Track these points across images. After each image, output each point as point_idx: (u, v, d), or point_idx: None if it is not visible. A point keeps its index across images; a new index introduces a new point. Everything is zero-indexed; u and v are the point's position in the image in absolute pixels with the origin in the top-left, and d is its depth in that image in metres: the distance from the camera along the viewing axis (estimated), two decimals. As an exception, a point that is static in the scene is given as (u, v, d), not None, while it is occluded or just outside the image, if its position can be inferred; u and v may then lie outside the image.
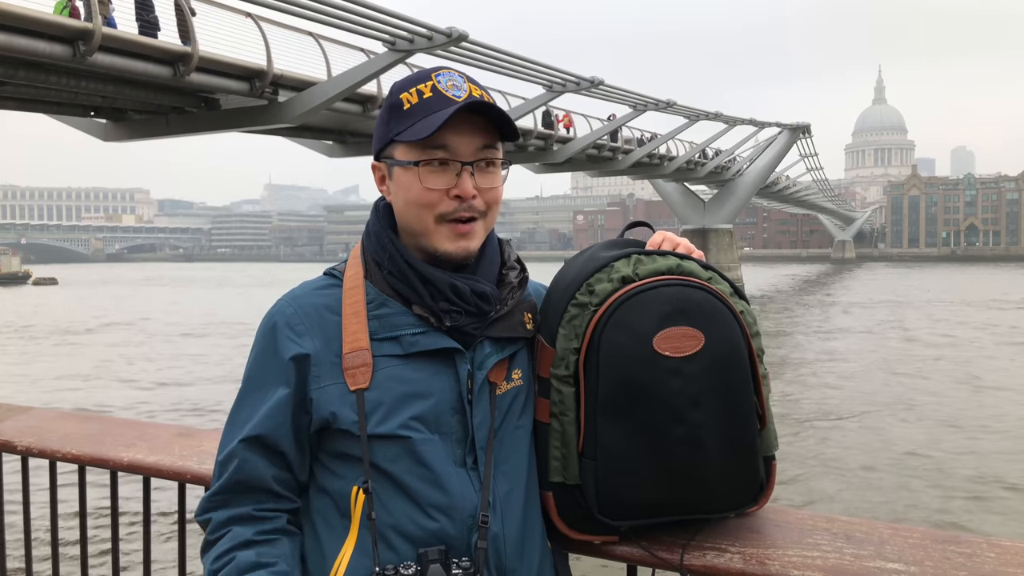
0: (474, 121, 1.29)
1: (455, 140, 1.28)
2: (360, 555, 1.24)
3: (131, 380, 20.30)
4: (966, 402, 16.99)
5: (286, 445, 1.29)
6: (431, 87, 1.29)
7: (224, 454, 1.30)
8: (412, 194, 1.31)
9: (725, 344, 1.27)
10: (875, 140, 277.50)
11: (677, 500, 1.29)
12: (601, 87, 28.98)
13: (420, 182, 1.29)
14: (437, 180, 1.29)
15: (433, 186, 1.29)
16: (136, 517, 2.20)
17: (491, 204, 1.34)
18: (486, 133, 1.31)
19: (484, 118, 1.30)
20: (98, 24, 14.84)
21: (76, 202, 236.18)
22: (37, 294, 60.46)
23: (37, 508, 2.20)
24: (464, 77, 1.31)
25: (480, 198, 1.31)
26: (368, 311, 1.31)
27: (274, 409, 1.28)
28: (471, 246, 1.33)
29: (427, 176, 1.29)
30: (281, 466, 1.29)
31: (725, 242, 48.83)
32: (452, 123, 1.27)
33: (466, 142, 1.29)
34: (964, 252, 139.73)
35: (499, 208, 1.38)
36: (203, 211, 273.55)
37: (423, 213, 1.31)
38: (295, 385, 1.28)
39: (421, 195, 1.30)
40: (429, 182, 1.29)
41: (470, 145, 1.30)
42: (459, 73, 1.32)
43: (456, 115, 1.26)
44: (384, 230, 1.36)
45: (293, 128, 22.64)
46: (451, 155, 1.29)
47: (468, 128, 1.29)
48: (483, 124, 1.30)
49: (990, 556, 1.27)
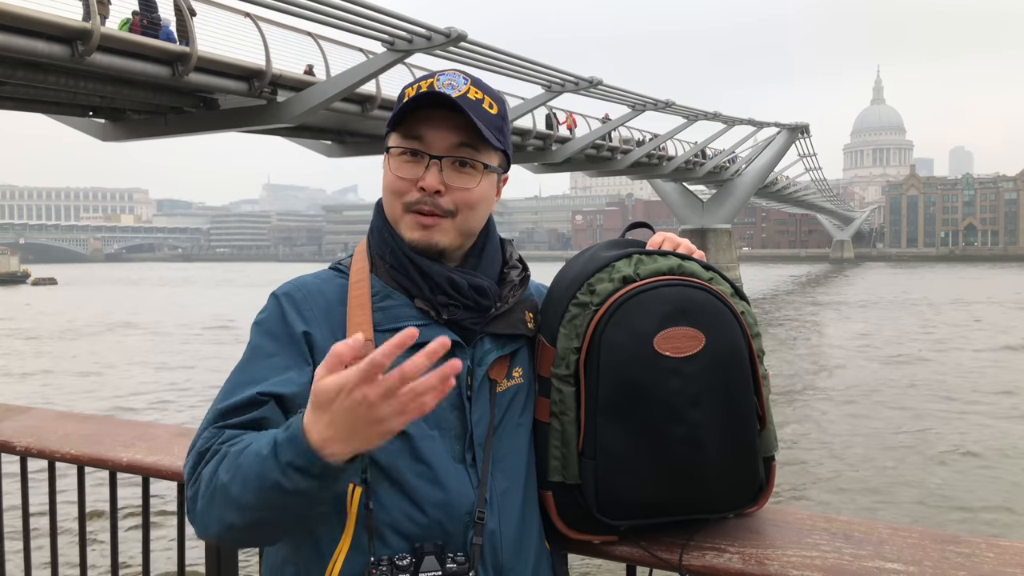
0: (455, 119, 1.30)
1: (430, 133, 1.30)
2: (356, 551, 1.23)
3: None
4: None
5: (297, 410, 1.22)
6: (429, 84, 1.30)
7: (233, 401, 1.21)
8: (387, 180, 1.34)
9: (726, 344, 1.27)
10: (873, 140, 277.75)
11: (677, 500, 1.29)
12: (600, 87, 28.99)
13: (391, 169, 1.33)
14: (407, 170, 1.31)
15: (401, 175, 1.31)
16: (136, 518, 2.19)
17: (460, 205, 1.32)
18: (466, 132, 1.31)
19: (467, 118, 1.29)
20: (96, 24, 14.83)
21: (74, 202, 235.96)
22: (40, 294, 60.16)
23: (36, 508, 2.20)
24: (468, 79, 1.31)
25: (448, 196, 1.31)
26: (373, 303, 1.31)
27: (294, 374, 1.24)
28: (434, 238, 1.31)
29: (398, 164, 1.32)
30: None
31: (724, 242, 48.85)
32: (431, 117, 1.29)
33: (440, 136, 1.30)
34: (962, 252, 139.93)
35: (478, 212, 1.35)
36: (202, 211, 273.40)
37: (393, 200, 1.33)
38: (305, 355, 1.26)
39: (392, 182, 1.33)
40: (399, 170, 1.32)
41: (444, 140, 1.30)
42: (464, 75, 1.32)
43: (437, 111, 1.28)
44: (385, 224, 1.37)
45: (292, 128, 22.64)
46: (423, 147, 1.30)
47: (446, 124, 1.30)
48: (464, 123, 1.30)
49: (989, 556, 1.27)
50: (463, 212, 1.33)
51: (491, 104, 1.32)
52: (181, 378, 20.48)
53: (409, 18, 19.53)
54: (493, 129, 1.31)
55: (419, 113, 1.30)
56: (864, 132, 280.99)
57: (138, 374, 21.33)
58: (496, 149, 1.35)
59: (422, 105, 1.29)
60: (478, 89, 1.31)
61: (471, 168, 1.32)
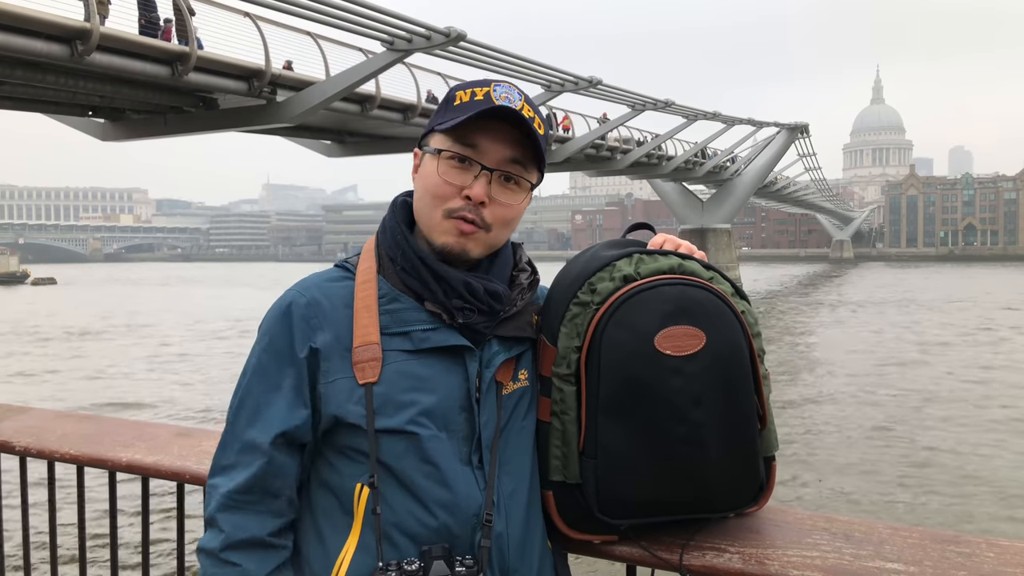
0: (511, 133, 1.30)
1: (485, 143, 1.30)
2: (363, 552, 1.24)
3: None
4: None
5: (307, 439, 1.30)
6: (485, 93, 1.30)
7: (242, 445, 1.28)
8: (429, 182, 1.33)
9: (726, 344, 1.27)
10: (873, 140, 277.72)
11: (677, 499, 1.29)
12: (599, 87, 29.00)
13: (438, 173, 1.31)
14: (454, 175, 1.31)
15: (450, 179, 1.31)
16: (135, 517, 2.19)
17: (497, 221, 1.32)
18: (519, 148, 1.31)
19: (521, 133, 1.30)
20: (95, 24, 14.82)
21: (74, 202, 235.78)
22: (43, 294, 59.94)
23: (35, 508, 2.19)
24: (522, 96, 1.32)
25: (489, 210, 1.31)
26: (380, 305, 1.31)
27: (294, 402, 1.28)
28: (468, 247, 1.32)
29: (446, 169, 1.31)
30: (300, 463, 1.30)
31: (723, 242, 48.86)
32: (487, 128, 1.29)
33: (495, 149, 1.30)
34: (962, 252, 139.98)
35: (510, 230, 1.37)
36: (201, 211, 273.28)
37: (434, 203, 1.32)
38: (307, 379, 1.29)
39: (437, 185, 1.31)
40: (447, 175, 1.31)
41: (498, 153, 1.30)
42: (519, 90, 1.32)
43: (495, 122, 1.28)
44: (399, 226, 1.37)
45: (291, 128, 22.67)
46: (477, 155, 1.30)
47: (503, 137, 1.30)
48: (519, 138, 1.31)
49: (989, 556, 1.27)
50: (497, 228, 1.34)
51: (540, 124, 1.33)
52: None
53: (408, 17, 19.54)
54: (543, 148, 1.33)
55: (474, 121, 1.29)
56: (864, 132, 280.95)
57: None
58: (539, 169, 1.36)
59: (484, 116, 1.28)
60: (529, 107, 1.32)
61: (516, 184, 1.33)
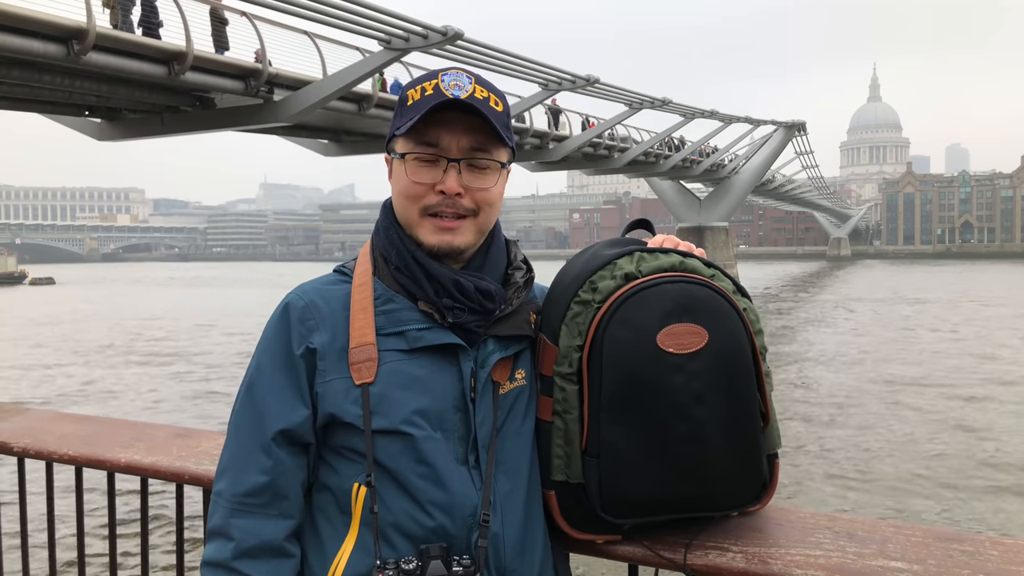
0: (468, 120, 1.30)
1: (446, 137, 1.30)
2: (360, 552, 1.24)
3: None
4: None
5: (310, 439, 1.30)
6: (434, 85, 1.29)
7: (247, 447, 1.29)
8: (400, 185, 1.34)
9: (728, 341, 1.26)
10: (870, 138, 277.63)
11: (680, 498, 1.28)
12: (596, 85, 28.96)
13: (407, 175, 1.32)
14: (424, 174, 1.31)
15: (418, 179, 1.31)
16: (134, 517, 2.18)
17: (481, 204, 1.34)
18: (480, 133, 1.31)
19: (480, 119, 1.30)
20: (92, 23, 14.78)
21: (71, 202, 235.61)
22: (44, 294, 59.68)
23: (34, 509, 2.19)
24: (472, 78, 1.31)
25: (468, 197, 1.32)
26: (376, 307, 1.32)
27: (295, 402, 1.29)
28: (455, 241, 1.33)
29: (414, 169, 1.32)
30: (306, 465, 1.31)
31: (721, 240, 48.84)
32: (444, 120, 1.29)
33: (456, 139, 1.30)
34: (959, 249, 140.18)
35: (496, 209, 1.37)
36: (198, 210, 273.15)
37: (409, 205, 1.33)
38: (306, 378, 1.30)
39: (407, 187, 1.33)
40: (416, 175, 1.32)
41: (460, 142, 1.31)
42: (468, 74, 1.32)
43: (450, 113, 1.28)
44: (392, 225, 1.38)
45: (288, 127, 22.59)
46: (440, 151, 1.31)
47: (461, 126, 1.30)
48: (478, 124, 1.31)
49: (993, 554, 1.27)
50: (484, 211, 1.34)
51: (496, 101, 1.32)
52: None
53: (406, 16, 19.48)
54: (502, 127, 1.32)
55: (429, 116, 1.29)
56: (860, 129, 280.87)
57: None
58: (506, 146, 1.35)
59: (437, 109, 1.28)
60: (482, 87, 1.31)
61: (486, 167, 1.33)
